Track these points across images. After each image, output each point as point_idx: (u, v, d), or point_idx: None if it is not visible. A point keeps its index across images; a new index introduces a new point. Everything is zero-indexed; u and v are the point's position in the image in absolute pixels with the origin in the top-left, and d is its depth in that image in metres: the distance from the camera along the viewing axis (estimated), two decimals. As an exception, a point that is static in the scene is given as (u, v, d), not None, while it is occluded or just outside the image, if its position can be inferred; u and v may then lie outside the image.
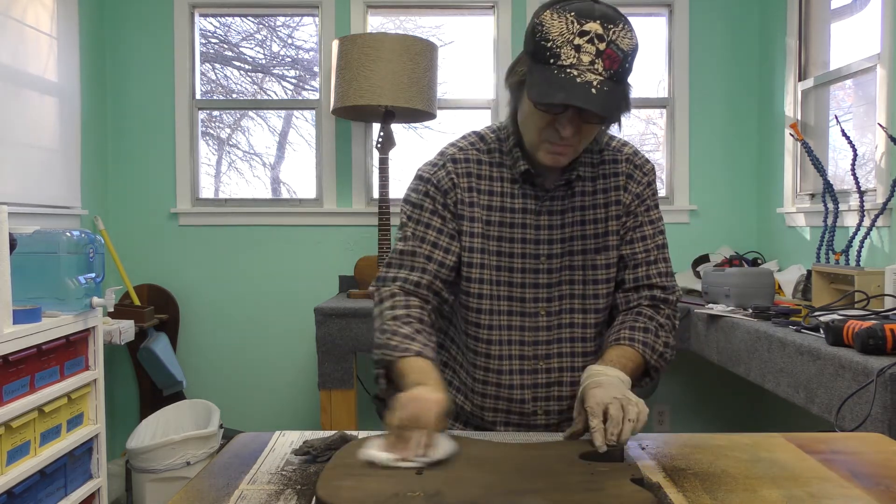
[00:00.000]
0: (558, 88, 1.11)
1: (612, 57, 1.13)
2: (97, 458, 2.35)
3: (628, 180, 1.35)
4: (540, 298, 1.32)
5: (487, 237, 1.32)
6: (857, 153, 2.48)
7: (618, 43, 1.13)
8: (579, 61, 1.12)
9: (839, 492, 0.91)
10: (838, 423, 1.58)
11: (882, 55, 2.48)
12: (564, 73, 1.12)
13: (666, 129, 3.56)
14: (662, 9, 3.52)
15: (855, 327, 1.65)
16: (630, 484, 0.89)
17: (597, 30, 1.12)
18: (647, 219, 1.36)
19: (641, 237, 1.35)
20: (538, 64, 1.16)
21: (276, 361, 3.49)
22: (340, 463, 0.97)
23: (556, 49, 1.13)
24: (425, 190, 1.34)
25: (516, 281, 1.32)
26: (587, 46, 1.12)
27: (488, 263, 1.32)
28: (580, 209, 1.33)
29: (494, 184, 1.33)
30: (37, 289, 2.13)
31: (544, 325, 1.33)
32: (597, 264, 1.33)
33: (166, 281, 3.46)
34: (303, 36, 3.70)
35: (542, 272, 1.32)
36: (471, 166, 1.34)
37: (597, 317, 1.34)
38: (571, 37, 1.12)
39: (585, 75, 1.12)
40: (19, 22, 2.75)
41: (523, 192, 1.32)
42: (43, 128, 2.91)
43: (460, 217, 1.32)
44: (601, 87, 1.12)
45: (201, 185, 3.57)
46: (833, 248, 2.55)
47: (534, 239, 1.32)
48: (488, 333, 1.33)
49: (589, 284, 1.33)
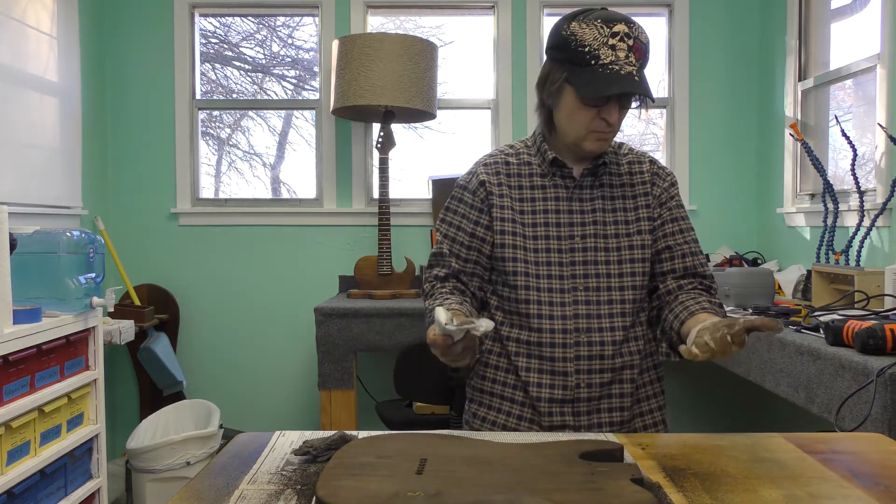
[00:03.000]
0: (611, 82, 1.31)
1: (639, 49, 1.33)
2: (97, 458, 2.35)
3: (654, 177, 1.50)
4: (577, 275, 1.43)
5: (523, 224, 1.45)
6: (857, 153, 2.48)
7: (639, 38, 1.34)
8: (617, 58, 1.32)
9: (839, 492, 0.91)
10: (838, 423, 1.58)
11: (882, 55, 2.48)
12: (609, 70, 1.31)
13: (666, 129, 3.56)
14: (662, 9, 3.52)
15: (855, 327, 1.65)
16: (630, 484, 0.89)
17: (624, 29, 1.32)
18: (679, 214, 1.50)
19: (680, 230, 1.48)
20: (579, 67, 1.34)
21: (276, 361, 3.49)
22: (340, 463, 0.97)
23: (594, 52, 1.32)
24: (459, 196, 1.52)
25: (553, 260, 1.43)
26: (620, 45, 1.32)
27: (523, 245, 1.44)
28: (609, 198, 1.47)
29: (524, 179, 1.49)
30: (37, 289, 2.13)
31: (583, 299, 1.42)
32: (633, 244, 1.45)
33: (166, 281, 3.46)
34: (303, 36, 3.70)
35: (577, 251, 1.44)
36: (499, 167, 1.50)
37: (634, 293, 1.44)
38: (605, 39, 1.32)
39: (625, 68, 1.31)
40: (19, 22, 2.75)
41: (553, 184, 1.47)
42: (43, 128, 2.91)
43: (493, 208, 1.47)
44: (638, 74, 1.32)
45: (201, 185, 3.57)
46: (833, 248, 2.55)
47: (567, 222, 1.45)
48: (527, 307, 1.42)
49: (626, 263, 1.44)
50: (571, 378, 1.40)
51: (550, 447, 1.05)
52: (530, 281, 1.43)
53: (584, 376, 1.41)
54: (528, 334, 1.43)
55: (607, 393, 1.42)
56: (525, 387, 1.44)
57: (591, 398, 1.41)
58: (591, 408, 1.42)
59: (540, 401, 1.42)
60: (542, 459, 0.99)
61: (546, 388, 1.42)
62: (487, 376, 1.50)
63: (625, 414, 1.43)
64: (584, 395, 1.41)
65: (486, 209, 1.47)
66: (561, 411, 1.41)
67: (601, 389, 1.41)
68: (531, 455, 1.01)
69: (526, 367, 1.44)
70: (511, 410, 1.46)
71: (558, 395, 1.41)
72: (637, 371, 1.45)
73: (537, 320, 1.42)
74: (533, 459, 0.99)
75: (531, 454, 1.02)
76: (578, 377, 1.41)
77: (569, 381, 1.40)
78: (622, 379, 1.43)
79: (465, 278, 1.48)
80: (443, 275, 1.49)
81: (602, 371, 1.41)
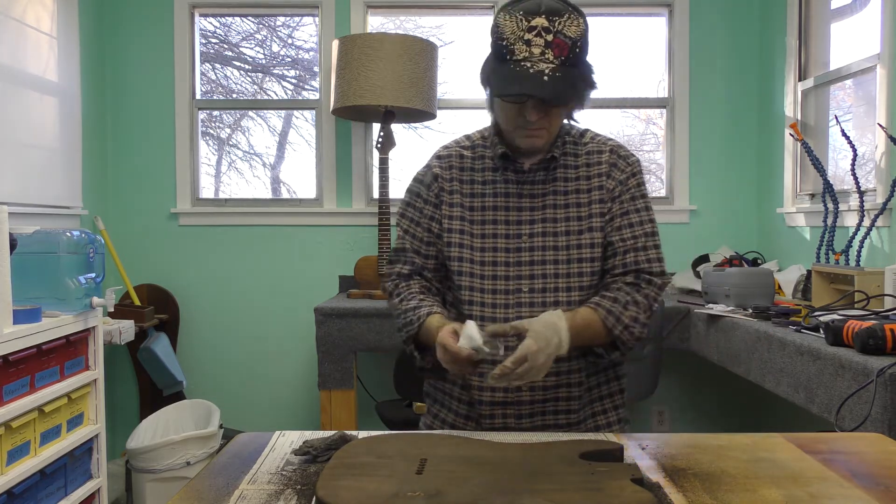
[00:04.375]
0: (514, 81, 1.25)
1: (561, 45, 1.26)
2: (97, 458, 2.35)
3: (612, 168, 1.41)
4: (523, 276, 1.38)
5: (471, 221, 1.41)
6: (857, 153, 2.48)
7: (564, 32, 1.26)
8: (531, 54, 1.25)
9: (839, 492, 0.91)
10: (838, 423, 1.58)
11: (882, 55, 2.48)
12: (519, 67, 1.25)
13: (666, 129, 3.56)
14: (662, 9, 3.51)
15: (855, 327, 1.65)
16: (630, 484, 0.89)
17: (543, 23, 1.25)
18: (632, 207, 1.40)
19: (629, 224, 1.39)
20: (498, 61, 1.30)
21: (276, 361, 3.49)
22: (340, 463, 0.97)
23: (510, 46, 1.27)
24: (416, 190, 1.48)
25: (500, 260, 1.39)
26: (536, 40, 1.25)
27: (469, 244, 1.41)
28: (563, 192, 1.40)
29: (476, 173, 1.44)
30: (37, 289, 2.13)
31: (527, 301, 1.37)
32: (582, 243, 1.38)
33: (166, 281, 3.46)
34: (303, 36, 3.70)
35: (524, 250, 1.39)
36: (453, 160, 1.46)
37: (582, 294, 1.38)
38: (522, 33, 1.26)
39: (538, 66, 1.25)
40: (19, 22, 2.75)
41: (505, 178, 1.42)
42: (43, 128, 2.91)
43: (443, 204, 1.43)
44: (553, 74, 1.24)
45: (201, 185, 3.57)
46: (833, 248, 2.55)
47: (516, 219, 1.40)
48: (469, 309, 1.39)
49: (573, 263, 1.38)
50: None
51: (550, 447, 1.05)
52: (474, 282, 1.39)
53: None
54: None
55: (552, 396, 1.38)
56: (469, 388, 1.41)
57: (534, 401, 1.38)
58: (535, 410, 1.38)
59: (482, 403, 1.39)
60: (543, 459, 0.99)
61: (487, 391, 1.38)
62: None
63: (572, 416, 1.40)
64: (526, 399, 1.37)
65: (440, 205, 1.44)
66: (503, 413, 1.38)
67: (545, 393, 1.37)
68: (531, 455, 1.01)
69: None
70: (459, 410, 1.45)
71: (499, 398, 1.38)
72: (586, 374, 1.41)
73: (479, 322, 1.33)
74: (533, 459, 0.99)
75: (531, 454, 1.02)
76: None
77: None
78: (570, 383, 1.39)
79: (428, 275, 1.45)
80: (406, 272, 1.45)
81: (546, 375, 1.32)
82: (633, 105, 3.63)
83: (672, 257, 3.57)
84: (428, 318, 1.33)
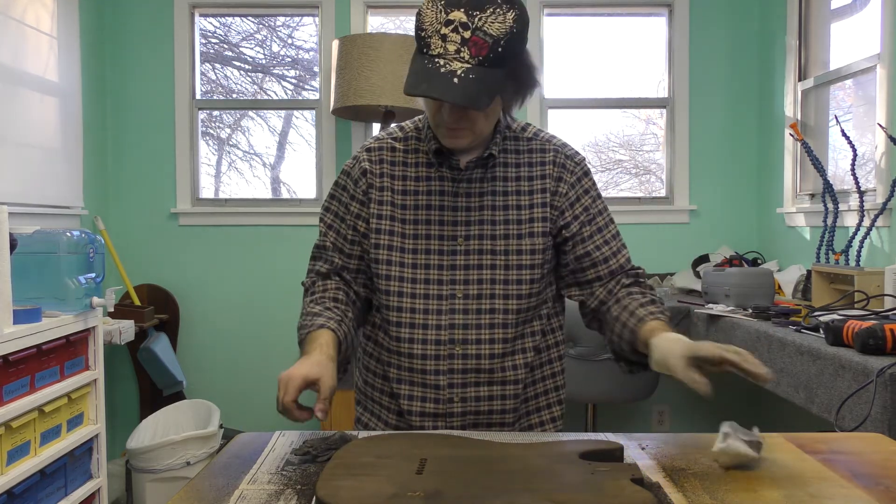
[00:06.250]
0: (423, 79, 1.14)
1: (479, 43, 1.13)
2: (97, 458, 2.35)
3: (561, 170, 1.32)
4: (457, 280, 1.29)
5: (402, 221, 1.30)
6: (857, 153, 2.48)
7: (485, 29, 1.13)
8: (446, 51, 1.14)
9: (839, 492, 0.91)
10: (838, 423, 1.58)
11: (882, 55, 2.48)
12: (432, 64, 1.14)
13: (666, 129, 3.56)
14: (662, 9, 3.52)
15: (855, 327, 1.65)
16: (630, 484, 0.89)
17: (460, 18, 1.13)
18: (596, 210, 1.34)
19: (598, 229, 1.33)
20: (417, 53, 1.18)
21: (277, 361, 3.49)
22: (340, 463, 0.97)
23: (427, 39, 1.15)
24: (343, 183, 1.37)
25: (433, 263, 1.29)
26: (452, 35, 1.13)
27: (399, 246, 1.30)
28: (502, 193, 1.31)
29: (409, 168, 1.32)
30: (37, 289, 2.13)
31: (461, 307, 1.29)
32: (521, 249, 1.29)
33: (166, 281, 3.46)
34: (303, 36, 3.70)
35: (458, 253, 1.29)
36: (384, 153, 1.34)
37: (519, 302, 1.30)
38: (439, 26, 1.14)
39: (451, 64, 1.13)
40: (19, 22, 2.75)
41: (440, 175, 1.31)
42: (43, 128, 2.91)
43: (372, 202, 1.32)
44: (466, 74, 1.12)
45: (201, 185, 3.57)
46: (833, 248, 2.55)
47: (451, 220, 1.30)
48: (398, 316, 1.30)
49: (512, 269, 1.29)
50: (444, 392, 1.30)
51: (550, 447, 1.05)
52: (403, 286, 1.29)
53: (458, 390, 1.29)
54: (398, 345, 1.31)
55: (486, 408, 1.31)
56: (397, 397, 1.34)
57: (466, 412, 1.31)
58: (467, 422, 1.31)
59: (411, 414, 1.32)
60: (543, 459, 0.99)
61: (417, 402, 1.31)
62: (368, 381, 1.42)
63: (505, 429, 1.33)
64: (458, 410, 1.30)
65: (367, 202, 1.32)
66: (434, 425, 1.31)
67: (478, 404, 1.30)
68: (531, 455, 1.01)
69: (397, 378, 1.33)
70: (388, 420, 1.37)
71: (430, 409, 1.31)
72: (522, 385, 1.33)
73: (409, 330, 1.29)
74: (533, 459, 0.99)
75: (531, 454, 1.02)
76: (452, 391, 1.29)
77: (441, 395, 1.30)
78: (504, 395, 1.31)
79: (348, 276, 1.34)
80: (325, 271, 1.35)
81: (478, 385, 1.30)
82: (633, 105, 3.63)
83: (672, 257, 3.61)
84: (318, 331, 1.21)
